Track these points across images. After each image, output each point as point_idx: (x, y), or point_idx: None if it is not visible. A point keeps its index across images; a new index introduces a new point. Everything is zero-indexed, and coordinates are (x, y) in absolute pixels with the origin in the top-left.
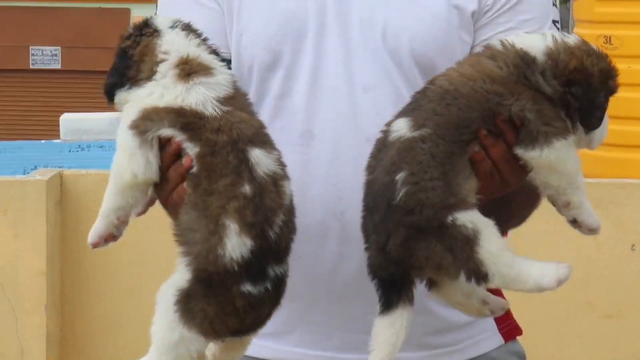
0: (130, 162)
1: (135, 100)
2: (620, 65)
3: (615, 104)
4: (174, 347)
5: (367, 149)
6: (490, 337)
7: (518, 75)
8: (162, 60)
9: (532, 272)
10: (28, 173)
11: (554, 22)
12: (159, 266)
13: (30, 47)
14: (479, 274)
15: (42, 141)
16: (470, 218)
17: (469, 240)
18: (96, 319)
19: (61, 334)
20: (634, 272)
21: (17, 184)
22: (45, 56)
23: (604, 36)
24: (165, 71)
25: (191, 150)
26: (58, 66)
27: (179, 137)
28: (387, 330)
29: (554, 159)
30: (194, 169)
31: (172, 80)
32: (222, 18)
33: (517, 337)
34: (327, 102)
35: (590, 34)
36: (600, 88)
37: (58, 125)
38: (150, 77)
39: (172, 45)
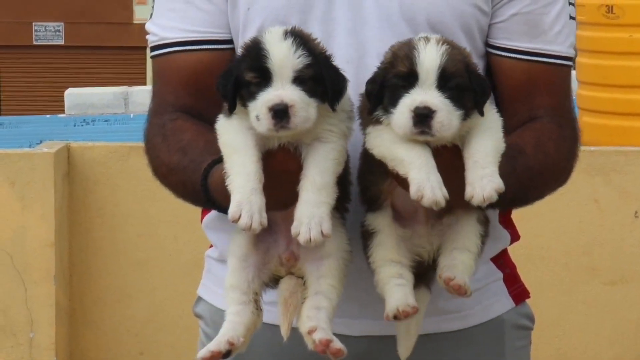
0: None
1: None
2: (621, 34)
3: (618, 72)
4: None
5: None
6: (500, 300)
7: None
8: None
9: None
10: (34, 147)
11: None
12: (166, 239)
13: (34, 24)
14: None
15: (47, 116)
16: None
17: None
18: (105, 289)
19: (70, 304)
20: (636, 239)
21: (25, 156)
22: (48, 32)
23: (606, 5)
24: None
25: None
26: (61, 42)
27: None
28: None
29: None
30: None
31: None
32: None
33: (526, 300)
34: None
35: (592, 4)
36: None
37: (61, 100)
38: None
39: None
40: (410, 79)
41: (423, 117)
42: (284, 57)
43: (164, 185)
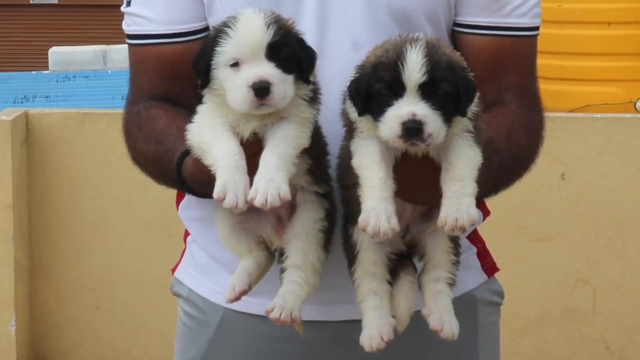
0: None
1: None
2: (550, 4)
3: (546, 39)
4: None
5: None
6: (474, 274)
7: None
8: None
9: None
10: (18, 102)
11: None
12: (119, 200)
13: None
14: None
15: (33, 72)
16: None
17: None
18: (62, 248)
19: (29, 262)
20: (563, 199)
21: None
22: None
23: None
24: None
25: None
26: (55, 1)
27: None
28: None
29: (352, 153)
30: None
31: None
32: None
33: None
34: None
35: None
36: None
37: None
38: None
39: None
40: (396, 88)
41: (413, 130)
42: (257, 34)
43: (145, 173)
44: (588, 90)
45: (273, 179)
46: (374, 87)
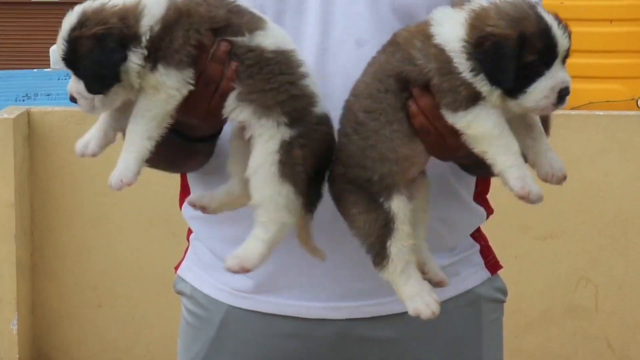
0: None
1: None
2: (553, 1)
3: None
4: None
5: None
6: (478, 272)
7: None
8: None
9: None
10: (20, 101)
11: None
12: (123, 196)
13: None
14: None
15: (35, 70)
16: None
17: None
18: (65, 245)
19: (32, 260)
20: (566, 197)
21: None
22: None
23: None
24: None
25: None
26: None
27: None
28: None
29: (466, 123)
30: None
31: None
32: None
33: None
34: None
35: None
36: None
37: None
38: None
39: None
40: (548, 57)
41: (565, 97)
42: (58, 49)
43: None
44: (591, 88)
45: (125, 159)
46: (527, 59)
